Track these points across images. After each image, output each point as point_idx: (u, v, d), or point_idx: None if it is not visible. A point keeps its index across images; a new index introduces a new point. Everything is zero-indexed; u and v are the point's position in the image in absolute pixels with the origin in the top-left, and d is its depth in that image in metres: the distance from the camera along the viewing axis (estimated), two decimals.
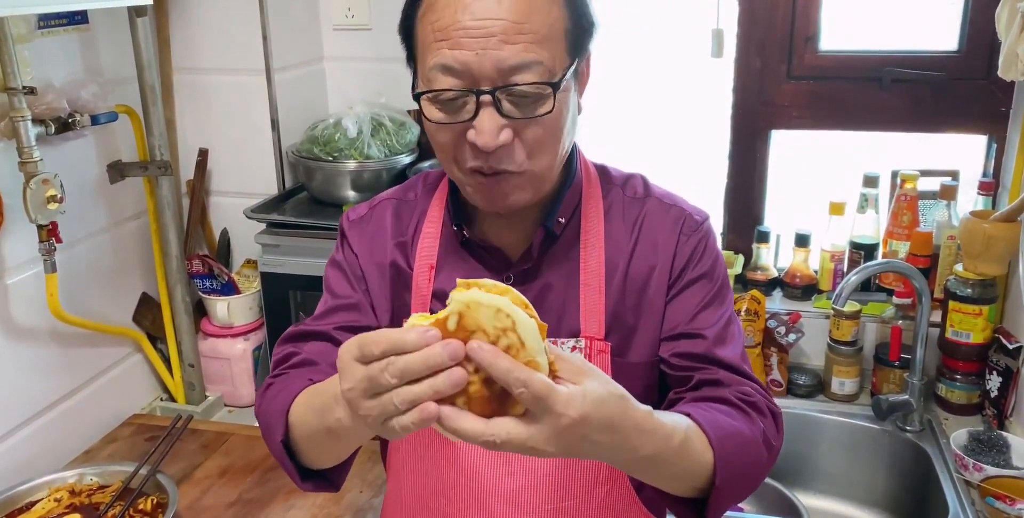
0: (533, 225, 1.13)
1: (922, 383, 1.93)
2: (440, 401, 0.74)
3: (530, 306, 0.75)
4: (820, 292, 2.17)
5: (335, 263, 1.20)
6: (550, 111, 0.98)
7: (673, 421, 0.91)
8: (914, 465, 1.90)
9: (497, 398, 0.74)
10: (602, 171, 1.19)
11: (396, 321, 1.17)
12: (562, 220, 1.12)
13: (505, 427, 0.75)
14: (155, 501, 1.58)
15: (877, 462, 1.98)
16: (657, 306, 1.12)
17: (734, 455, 0.96)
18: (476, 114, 0.97)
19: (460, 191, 1.10)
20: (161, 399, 2.11)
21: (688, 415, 0.96)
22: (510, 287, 0.76)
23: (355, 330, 1.14)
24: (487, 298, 0.72)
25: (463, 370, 0.73)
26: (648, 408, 0.87)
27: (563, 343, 1.11)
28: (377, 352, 0.74)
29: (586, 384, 0.78)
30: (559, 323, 1.12)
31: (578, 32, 1.01)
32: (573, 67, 1.01)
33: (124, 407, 2.01)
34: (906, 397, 1.92)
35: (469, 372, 0.73)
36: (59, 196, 1.60)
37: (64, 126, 1.67)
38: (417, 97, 1.00)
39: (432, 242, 1.16)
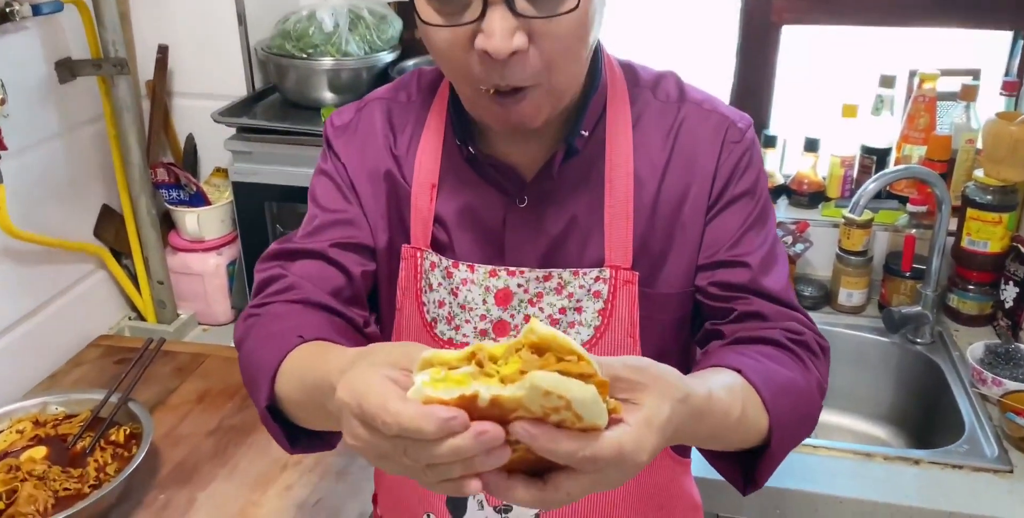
0: (551, 139, 0.98)
1: (936, 294, 1.84)
2: None
3: (579, 352, 0.62)
4: (828, 200, 2.06)
5: (322, 173, 1.06)
6: (575, 7, 0.81)
7: (730, 395, 0.80)
8: (925, 379, 1.83)
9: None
10: (629, 71, 1.03)
11: (395, 246, 1.03)
12: (585, 133, 0.98)
13: (567, 488, 0.63)
14: (128, 431, 1.47)
15: (886, 376, 1.91)
16: (693, 230, 0.99)
17: (789, 414, 0.86)
18: (483, 14, 0.80)
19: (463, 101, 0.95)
20: (130, 318, 1.98)
21: (740, 371, 0.85)
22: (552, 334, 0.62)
23: (353, 248, 1.01)
24: (543, 381, 0.58)
25: (507, 448, 0.61)
26: (707, 390, 0.75)
27: (585, 274, 0.98)
28: (383, 428, 0.60)
29: (647, 406, 0.66)
30: (581, 252, 0.99)
31: None
32: None
33: (90, 328, 1.88)
34: (919, 309, 1.83)
35: (510, 441, 0.61)
36: (0, 97, 1.43)
37: (1, 17, 1.48)
38: None
39: (432, 157, 1.01)
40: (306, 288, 0.97)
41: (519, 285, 1.00)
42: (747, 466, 0.90)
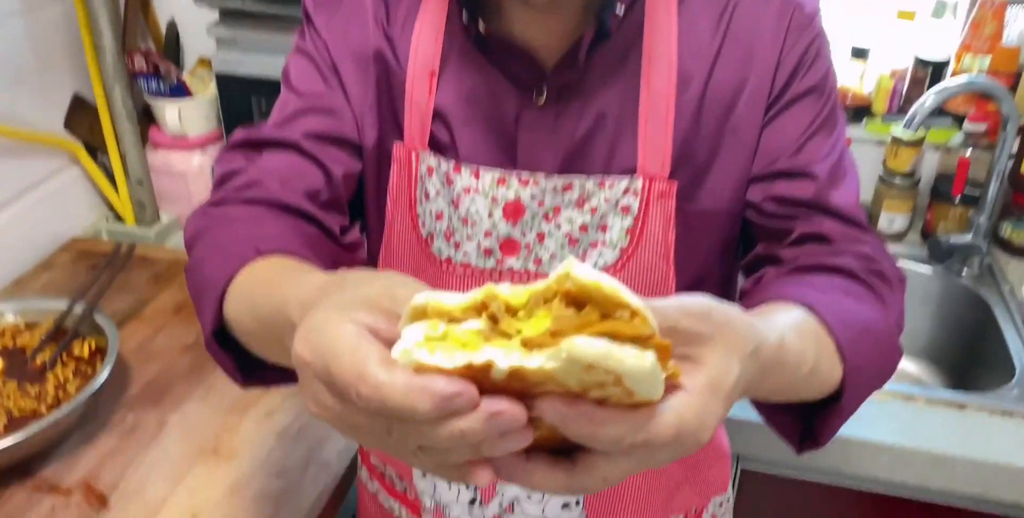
0: (577, 19, 0.81)
1: (989, 223, 1.67)
2: None
3: (634, 305, 0.45)
4: (873, 115, 1.87)
5: (299, 52, 0.89)
6: None
7: (802, 342, 0.64)
8: (970, 314, 1.68)
9: None
10: None
11: (385, 145, 0.86)
12: (620, 11, 0.80)
13: (603, 471, 0.48)
14: (93, 345, 1.33)
15: (926, 309, 1.75)
16: (747, 133, 0.83)
17: (866, 362, 0.71)
18: None
19: None
20: (107, 220, 1.82)
21: (811, 309, 0.69)
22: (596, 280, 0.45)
23: (333, 142, 0.84)
24: (587, 352, 0.42)
25: (528, 430, 0.45)
26: (779, 338, 0.59)
27: (613, 184, 0.82)
28: (359, 402, 0.45)
29: (712, 366, 0.50)
30: (608, 157, 0.83)
31: None
32: None
33: (62, 229, 1.72)
34: (970, 238, 1.67)
35: (531, 416, 0.45)
36: None
37: None
38: None
39: (432, 37, 0.84)
40: (272, 186, 0.81)
41: (532, 196, 0.83)
42: (806, 420, 0.75)
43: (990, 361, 1.58)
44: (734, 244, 0.88)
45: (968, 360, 1.69)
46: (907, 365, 1.77)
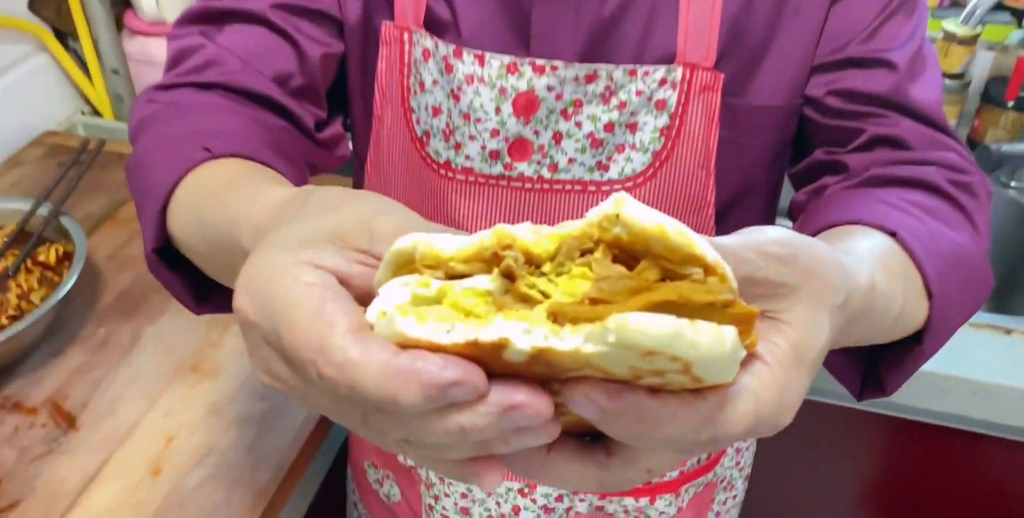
0: None
1: None
2: None
3: (710, 260, 0.33)
4: None
5: None
6: None
7: (891, 282, 0.52)
8: (1017, 230, 1.55)
9: None
10: None
11: (372, 24, 0.72)
12: None
13: (646, 462, 0.37)
14: (60, 251, 1.21)
15: None
16: (811, 14, 0.69)
17: (955, 299, 0.59)
18: None
19: None
20: (83, 114, 1.68)
21: (895, 235, 0.57)
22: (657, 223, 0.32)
23: (309, 16, 0.71)
24: (647, 335, 0.29)
25: (555, 423, 0.33)
26: (871, 281, 0.47)
27: (647, 73, 0.68)
28: (321, 384, 0.34)
29: (798, 328, 0.39)
30: (642, 41, 0.69)
31: None
32: None
33: (33, 122, 1.58)
34: (1023, 147, 1.52)
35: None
36: None
37: None
38: None
39: None
40: (233, 67, 0.68)
41: (549, 87, 0.69)
42: (871, 364, 0.63)
43: None
44: (786, 149, 0.75)
45: (1014, 281, 1.57)
46: None
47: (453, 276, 0.34)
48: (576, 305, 0.31)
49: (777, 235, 0.40)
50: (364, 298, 0.35)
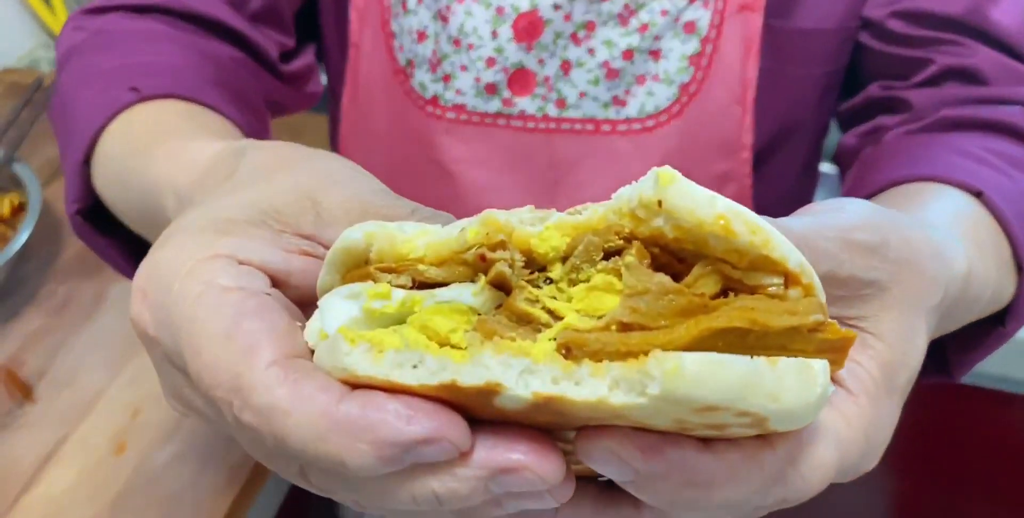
0: None
1: None
2: None
3: (792, 266, 0.23)
4: None
5: None
6: None
7: (985, 265, 0.43)
8: None
9: None
10: None
11: None
12: None
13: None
14: (16, 202, 1.11)
15: None
16: None
17: None
18: None
19: None
20: (47, 48, 1.56)
21: (979, 195, 0.48)
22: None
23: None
24: (698, 384, 0.19)
25: (568, 483, 0.25)
26: (967, 269, 0.37)
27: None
28: (236, 427, 0.26)
29: (890, 343, 0.30)
30: None
31: None
32: None
33: None
34: None
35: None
36: None
37: None
38: None
39: None
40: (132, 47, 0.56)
41: (556, 6, 0.58)
42: (940, 346, 0.54)
43: None
44: (838, 83, 0.64)
45: None
46: None
47: (423, 284, 0.23)
48: (600, 332, 0.22)
49: (861, 216, 0.31)
50: (306, 303, 0.25)
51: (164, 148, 0.41)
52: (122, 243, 0.52)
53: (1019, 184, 0.51)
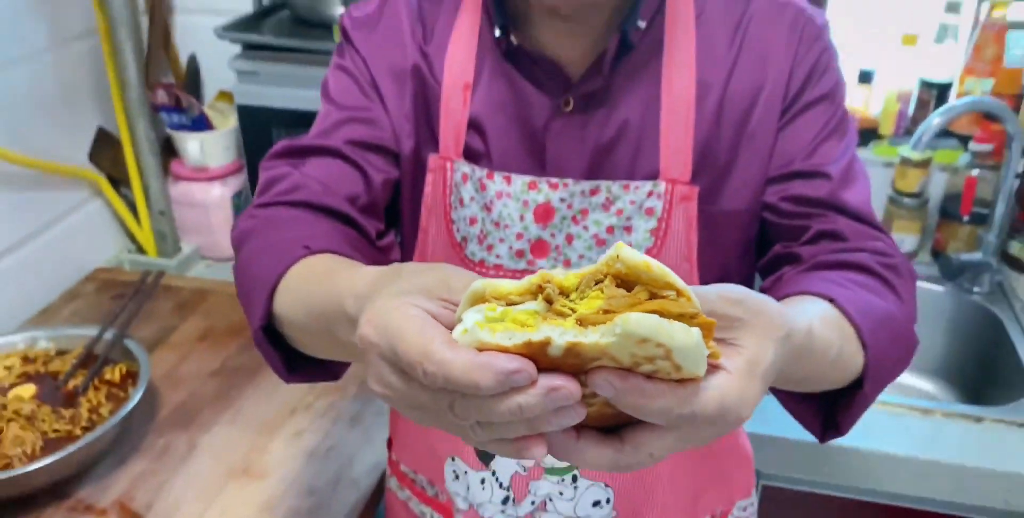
0: (602, 32, 0.85)
1: (998, 240, 1.70)
2: None
3: (679, 286, 0.48)
4: (880, 137, 1.90)
5: (339, 69, 0.93)
6: None
7: (828, 329, 0.67)
8: (983, 331, 1.70)
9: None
10: None
11: (421, 156, 0.89)
12: (642, 24, 0.84)
13: (649, 448, 0.51)
14: (124, 370, 1.35)
15: (939, 327, 1.77)
16: (763, 137, 0.86)
17: (887, 351, 0.73)
18: None
19: None
20: (129, 251, 1.85)
21: (832, 301, 0.72)
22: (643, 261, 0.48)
23: (374, 149, 0.88)
24: (640, 326, 0.44)
25: (582, 407, 0.48)
26: (808, 324, 0.62)
27: (637, 187, 0.85)
28: (423, 380, 0.48)
29: (749, 348, 0.53)
30: (632, 162, 0.86)
31: None
32: None
33: (86, 259, 1.75)
34: (980, 256, 1.69)
35: (584, 393, 0.48)
36: None
37: None
38: None
39: (466, 52, 0.88)
40: (316, 190, 0.84)
41: (562, 200, 0.86)
42: (828, 409, 0.77)
43: (1003, 376, 1.60)
44: (753, 245, 0.91)
45: (982, 376, 1.70)
46: (922, 383, 1.79)
47: (511, 304, 0.49)
48: (594, 315, 0.46)
49: (734, 286, 0.55)
50: (447, 329, 0.50)
51: (339, 273, 0.65)
52: (282, 354, 0.76)
53: (861, 295, 0.75)
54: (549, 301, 0.48)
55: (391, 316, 0.50)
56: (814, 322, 0.63)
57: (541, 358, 0.46)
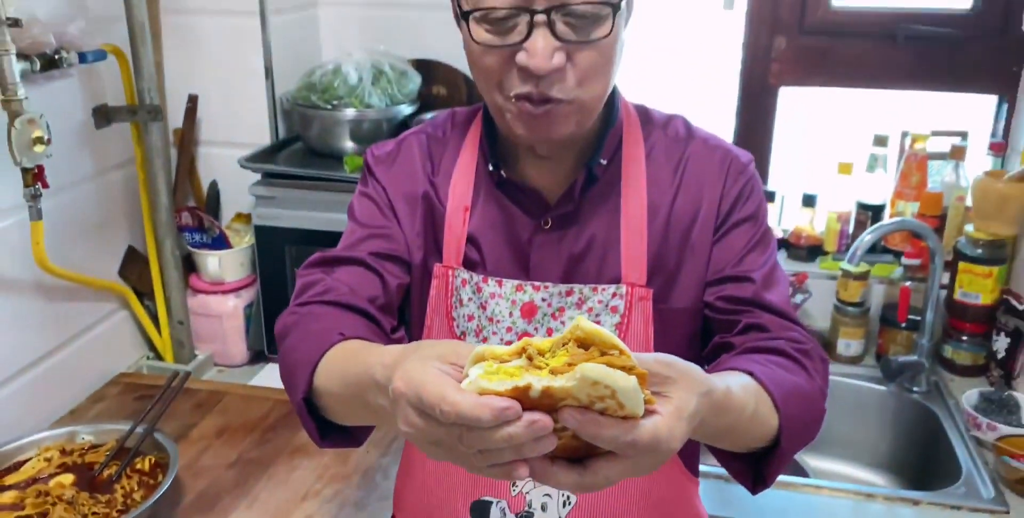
0: (572, 167, 1.08)
1: (931, 344, 1.91)
2: None
3: (621, 347, 0.67)
4: (825, 253, 2.13)
5: (363, 195, 1.14)
6: (607, 35, 0.92)
7: (745, 392, 0.86)
8: (922, 426, 1.88)
9: (586, 443, 0.68)
10: (643, 112, 1.13)
11: (427, 265, 1.10)
12: (603, 161, 1.06)
13: (605, 473, 0.69)
14: (153, 460, 1.51)
15: (883, 423, 1.96)
16: (702, 249, 1.07)
17: (797, 414, 0.92)
18: (528, 35, 0.90)
19: (496, 125, 1.04)
20: (148, 358, 2.02)
21: (751, 374, 0.91)
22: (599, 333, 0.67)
23: (391, 259, 1.09)
24: (592, 372, 0.63)
25: (554, 437, 0.66)
26: (726, 386, 0.81)
27: (604, 289, 1.05)
28: (441, 417, 0.66)
29: (677, 398, 0.71)
30: (599, 269, 1.07)
31: None
32: None
33: (110, 365, 1.92)
34: (916, 357, 1.90)
35: (556, 428, 0.66)
36: (46, 137, 1.50)
37: (50, 63, 1.57)
38: (464, 17, 0.94)
39: (466, 182, 1.10)
40: (345, 292, 1.04)
41: (543, 299, 1.06)
42: (757, 466, 0.95)
43: (939, 465, 1.77)
44: (698, 339, 1.11)
45: (921, 466, 1.88)
46: (867, 474, 1.97)
47: (503, 362, 0.67)
48: (562, 366, 0.65)
49: (665, 354, 0.74)
50: (457, 381, 0.68)
51: (369, 351, 0.84)
52: (317, 423, 0.94)
53: (776, 371, 0.93)
54: (530, 358, 0.67)
55: (416, 373, 0.69)
56: (733, 386, 0.82)
57: (525, 400, 0.65)
